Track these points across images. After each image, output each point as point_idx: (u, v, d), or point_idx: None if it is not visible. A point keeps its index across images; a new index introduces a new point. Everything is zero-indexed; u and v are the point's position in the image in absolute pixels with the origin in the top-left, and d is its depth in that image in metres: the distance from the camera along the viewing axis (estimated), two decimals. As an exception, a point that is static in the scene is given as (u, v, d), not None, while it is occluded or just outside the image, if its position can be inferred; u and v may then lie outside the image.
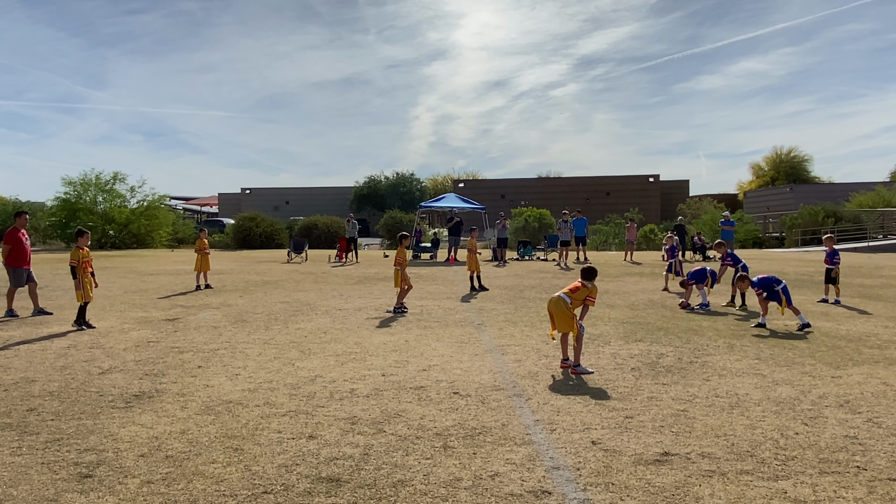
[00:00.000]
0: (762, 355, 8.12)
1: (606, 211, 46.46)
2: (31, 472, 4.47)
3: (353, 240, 25.63)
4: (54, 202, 36.70)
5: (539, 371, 7.32)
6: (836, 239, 35.56)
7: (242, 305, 12.57)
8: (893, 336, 9.30)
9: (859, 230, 37.08)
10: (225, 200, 69.65)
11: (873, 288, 15.29)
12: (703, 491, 4.18)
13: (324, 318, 11.04)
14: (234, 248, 36.33)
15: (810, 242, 36.76)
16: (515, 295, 13.85)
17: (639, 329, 9.95)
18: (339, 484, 4.28)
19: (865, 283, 16.52)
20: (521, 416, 5.70)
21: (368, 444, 5.00)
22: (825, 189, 55.76)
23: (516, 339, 9.22)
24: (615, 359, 7.93)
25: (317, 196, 66.10)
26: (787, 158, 68.91)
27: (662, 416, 5.70)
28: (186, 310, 12.03)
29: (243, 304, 12.68)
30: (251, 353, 8.33)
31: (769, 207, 53.12)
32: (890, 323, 10.36)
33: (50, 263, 22.23)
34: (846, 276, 18.14)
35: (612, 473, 4.46)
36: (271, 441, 5.09)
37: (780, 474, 4.45)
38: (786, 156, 69.17)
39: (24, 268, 11.38)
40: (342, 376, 7.11)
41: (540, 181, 66.71)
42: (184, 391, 6.52)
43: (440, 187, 70.03)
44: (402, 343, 8.88)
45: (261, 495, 4.12)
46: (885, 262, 22.89)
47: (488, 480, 4.34)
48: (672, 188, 62.46)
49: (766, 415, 5.75)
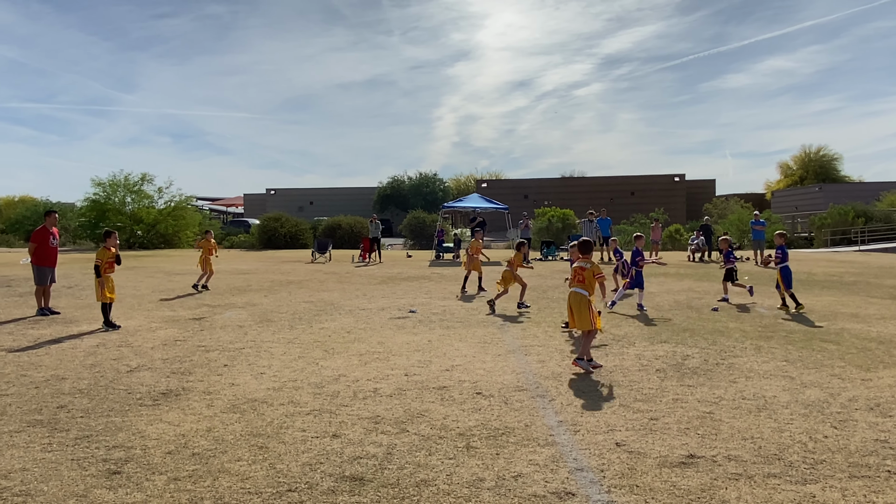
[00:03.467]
0: (790, 357, 7.99)
1: (631, 211, 46.06)
2: (60, 468, 4.55)
3: (377, 240, 25.73)
4: (84, 203, 37.32)
5: (563, 372, 7.28)
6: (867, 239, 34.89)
7: (267, 305, 12.68)
8: (927, 338, 9.09)
9: (890, 230, 36.32)
10: (250, 201, 70.31)
11: (906, 289, 14.96)
12: (729, 494, 4.12)
13: (347, 318, 11.10)
14: (259, 248, 36.67)
15: (840, 243, 36.11)
16: (539, 295, 13.79)
17: (664, 330, 9.85)
18: (363, 483, 4.30)
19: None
20: (545, 417, 5.68)
21: (391, 444, 5.02)
22: (855, 188, 54.68)
23: (539, 339, 9.19)
24: (640, 360, 7.86)
25: (340, 196, 66.44)
26: (815, 157, 67.68)
27: (688, 419, 5.64)
28: (212, 309, 12.17)
29: (268, 304, 12.80)
30: (276, 352, 8.40)
31: (797, 207, 52.27)
32: (923, 325, 10.13)
33: (80, 263, 22.63)
34: (877, 277, 17.77)
35: (636, 475, 4.43)
36: (295, 439, 5.13)
37: (808, 478, 4.37)
38: (814, 154, 67.94)
39: (49, 267, 11.58)
40: (365, 376, 7.14)
41: (563, 181, 66.34)
42: (210, 389, 6.60)
43: (463, 187, 69.97)
44: (424, 343, 8.90)
45: (285, 493, 4.15)
46: (918, 263, 22.40)
47: (511, 481, 4.33)
48: (698, 188, 61.70)
49: (795, 417, 5.66)
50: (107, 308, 10.20)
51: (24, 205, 49.44)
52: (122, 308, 12.21)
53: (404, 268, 21.78)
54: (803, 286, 15.58)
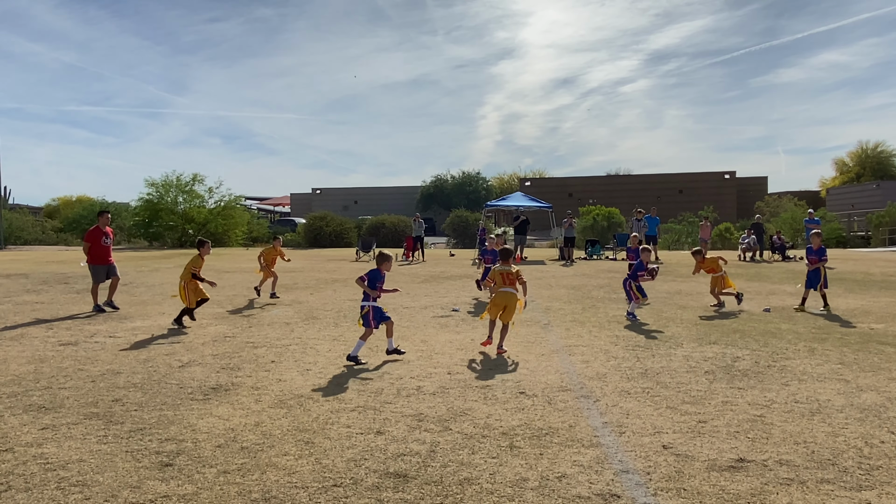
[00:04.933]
0: (846, 360, 7.72)
1: (679, 209, 45.19)
2: (115, 460, 4.71)
3: (420, 239, 25.85)
4: (138, 203, 38.55)
5: (608, 372, 7.20)
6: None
7: (313, 303, 12.87)
8: None
9: (954, 229, 34.74)
10: (296, 200, 71.42)
11: (971, 290, 14.30)
12: (780, 499, 4.01)
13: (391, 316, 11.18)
14: (305, 246, 37.24)
15: (900, 241, 34.71)
16: (583, 295, 13.65)
17: (713, 331, 9.64)
18: (406, 480, 4.33)
19: (962, 284, 15.47)
20: (589, 418, 5.62)
21: (435, 442, 5.04)
22: (915, 185, 52.48)
23: (584, 339, 9.10)
24: (688, 361, 7.71)
25: (384, 196, 66.93)
26: (873, 153, 65.19)
27: (738, 422, 5.51)
28: (260, 306, 12.41)
29: (314, 302, 12.99)
30: (321, 349, 8.52)
31: (854, 205, 50.41)
32: None
33: (134, 261, 23.35)
34: (940, 278, 17.03)
35: (683, 479, 4.34)
36: (340, 435, 5.19)
37: (863, 484, 4.22)
38: (872, 150, 65.44)
39: (102, 265, 11.99)
40: (409, 373, 7.18)
41: (609, 179, 65.47)
42: (258, 385, 6.73)
43: (506, 186, 69.69)
44: (467, 342, 8.90)
45: (330, 488, 4.21)
46: (985, 263, 21.38)
47: (555, 482, 4.30)
48: (749, 185, 60.12)
49: (850, 422, 5.47)
50: (189, 311, 10.46)
51: (81, 205, 51.32)
52: (174, 305, 12.56)
53: (447, 266, 21.82)
54: (860, 286, 15.05)
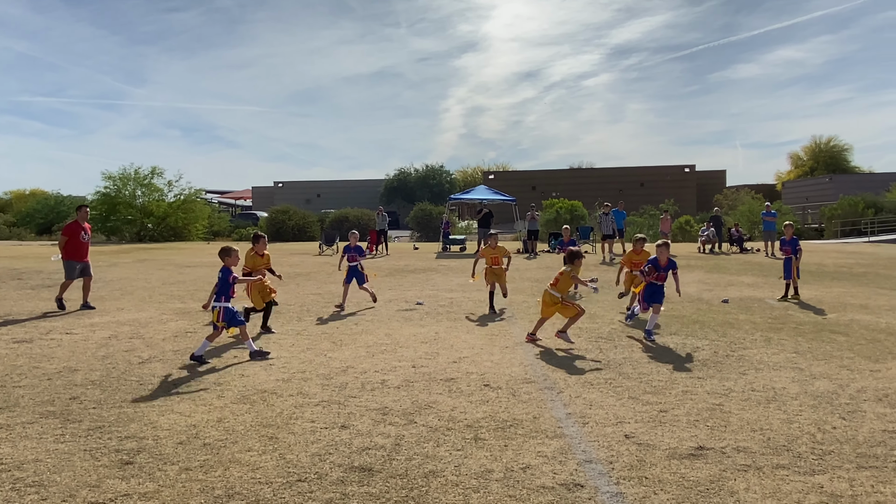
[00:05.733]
0: (800, 349, 7.96)
1: (641, 202, 45.89)
2: (73, 459, 4.61)
3: (384, 232, 25.78)
4: (95, 196, 37.57)
5: (571, 364, 7.29)
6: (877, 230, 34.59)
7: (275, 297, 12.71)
8: (938, 330, 9.04)
9: (902, 221, 36.03)
10: (258, 194, 70.53)
11: (917, 280, 14.85)
12: (738, 485, 4.13)
13: (355, 310, 11.14)
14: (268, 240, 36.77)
15: (850, 234, 35.86)
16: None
17: (673, 322, 9.83)
18: (371, 473, 4.33)
19: (908, 275, 16.06)
20: (553, 409, 5.69)
21: (400, 435, 5.05)
22: (865, 179, 54.28)
23: (547, 331, 9.19)
24: (648, 352, 7.86)
25: (348, 189, 66.52)
26: (826, 148, 67.21)
27: (697, 410, 5.64)
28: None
29: (277, 296, 12.82)
30: (284, 343, 8.45)
31: (808, 198, 51.90)
32: (934, 316, 10.07)
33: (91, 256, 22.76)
34: (886, 269, 17.66)
35: (645, 467, 4.44)
36: (305, 430, 5.16)
37: (816, 469, 4.37)
38: (825, 145, 67.47)
39: (77, 261, 11.62)
40: (373, 367, 7.17)
41: (572, 172, 66.13)
42: (220, 381, 6.65)
43: (470, 179, 69.93)
44: (432, 335, 8.92)
45: (295, 483, 4.19)
46: (930, 254, 22.22)
47: (520, 473, 4.35)
48: (708, 179, 61.38)
49: (804, 409, 5.65)
50: (266, 312, 9.40)
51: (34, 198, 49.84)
52: (133, 300, 12.30)
53: (411, 260, 21.81)
54: (813, 277, 15.50)
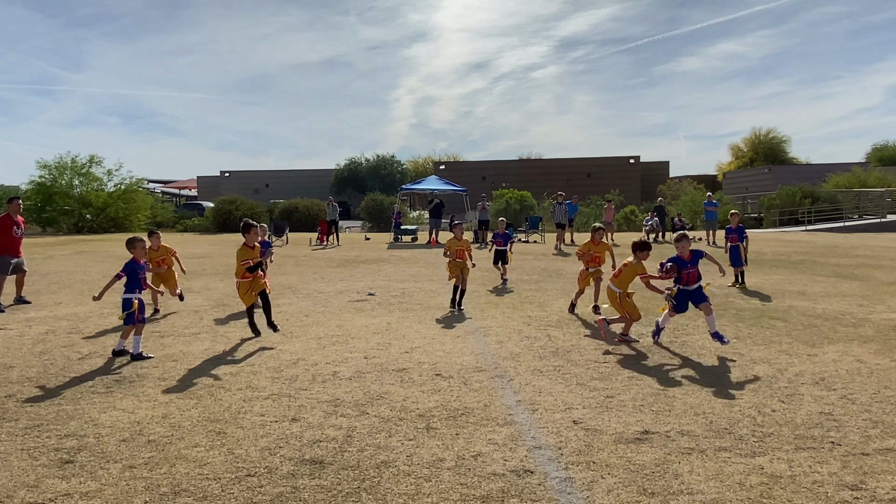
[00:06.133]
0: (740, 334, 8.23)
1: (587, 192, 46.59)
2: (10, 459, 4.43)
3: (334, 222, 25.53)
4: (29, 186, 35.99)
5: (521, 352, 7.37)
6: (813, 219, 36.02)
7: (223, 289, 12.49)
8: (867, 314, 9.47)
9: (835, 211, 37.59)
10: (204, 183, 68.85)
11: (848, 267, 15.54)
12: (682, 468, 4.25)
13: (305, 301, 11.01)
14: (214, 231, 35.97)
15: (787, 223, 37.22)
16: (497, 277, 13.87)
17: (619, 310, 10.02)
18: (323, 466, 4.30)
19: (841, 262, 16.78)
20: (504, 397, 5.75)
21: (351, 427, 5.02)
22: (802, 170, 56.37)
23: (498, 320, 9.27)
24: (596, 339, 8.00)
25: (297, 179, 65.56)
26: (765, 139, 69.52)
27: (643, 396, 5.77)
28: (166, 294, 11.92)
29: (224, 288, 12.60)
30: (233, 336, 8.29)
31: (748, 188, 53.63)
32: (864, 301, 10.55)
33: (26, 248, 21.83)
34: (822, 256, 18.41)
35: (593, 452, 4.52)
36: (254, 424, 5.08)
37: (757, 450, 4.53)
38: (764, 137, 69.77)
39: (10, 256, 11.08)
40: (324, 359, 7.11)
41: (521, 163, 66.65)
42: (165, 375, 6.48)
43: (421, 169, 69.73)
44: (383, 326, 8.89)
45: (244, 478, 4.12)
46: (860, 243, 23.25)
47: (471, 460, 4.38)
48: (652, 169, 62.71)
49: (744, 393, 5.85)
50: (265, 306, 8.28)
51: (-37, 188, 47.42)
52: (71, 294, 11.88)
53: (363, 250, 21.67)
54: (753, 265, 16.03)
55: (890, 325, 8.64)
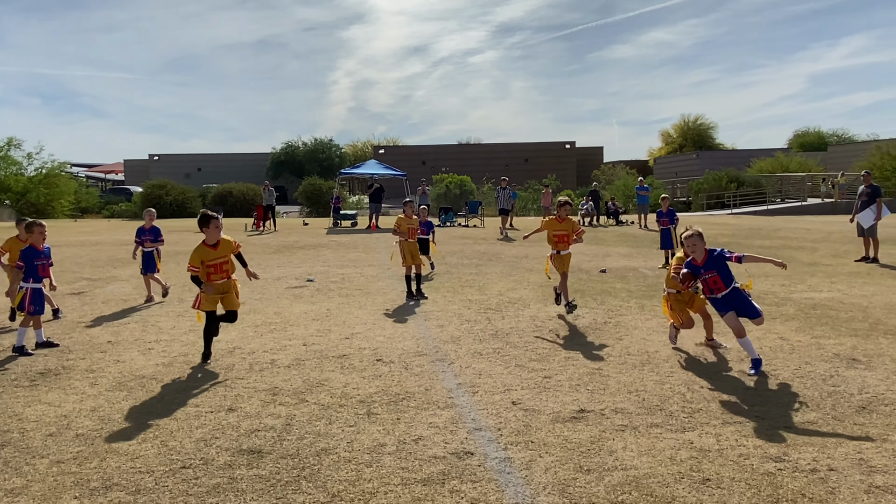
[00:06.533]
0: (671, 314, 8.51)
1: (525, 177, 47.12)
2: (-76, 459, 4.18)
3: (271, 207, 25.02)
4: (-61, 170, 33.95)
5: (461, 335, 7.42)
6: (738, 202, 37.46)
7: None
8: (789, 294, 9.95)
9: (759, 194, 39.24)
10: (131, 167, 66.37)
11: (771, 249, 16.26)
12: (616, 445, 4.38)
13: (241, 289, 10.75)
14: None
15: (714, 206, 38.63)
16: (437, 261, 13.91)
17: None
18: (261, 455, 4.23)
19: (765, 244, 17.55)
20: (444, 381, 5.78)
21: (290, 415, 4.96)
22: (729, 155, 58.57)
23: (439, 304, 9.30)
24: (534, 321, 8.14)
25: (231, 162, 63.91)
26: (693, 126, 71.85)
27: (579, 375, 5.91)
28: (93, 283, 11.46)
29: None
30: (164, 326, 8.04)
31: (677, 173, 55.32)
32: (786, 281, 11.07)
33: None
34: (747, 238, 19.21)
35: (531, 432, 4.61)
36: (188, 415, 4.96)
37: (686, 426, 4.71)
38: (693, 123, 72.10)
39: None
40: (262, 347, 6.98)
41: (460, 147, 66.88)
42: (93, 367, 6.24)
43: (360, 154, 69.14)
44: (323, 312, 8.79)
45: (179, 470, 4.02)
46: (783, 225, 24.36)
47: (412, 444, 4.40)
48: (587, 155, 63.93)
49: (675, 370, 6.06)
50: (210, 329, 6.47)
51: None
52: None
53: (301, 236, 21.33)
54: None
55: (810, 304, 9.10)
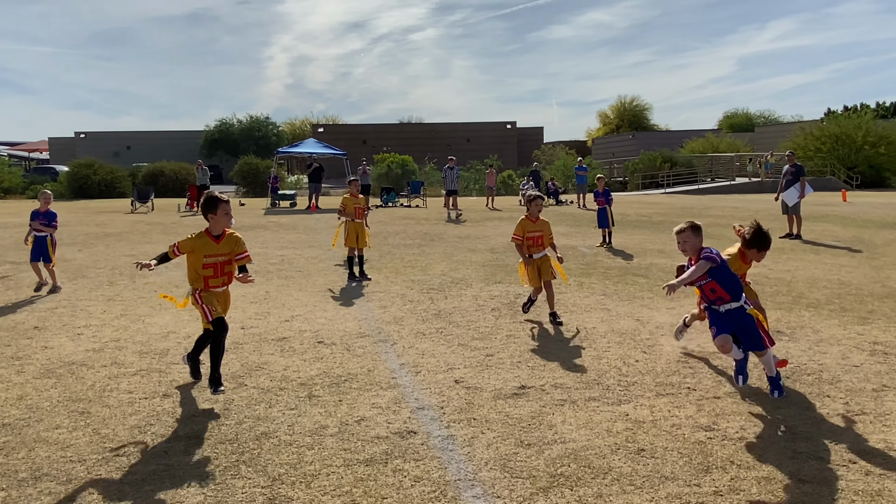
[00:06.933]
0: (607, 291, 8.73)
1: (467, 157, 47.21)
2: None
3: (205, 187, 24.33)
4: None
5: (404, 316, 7.42)
6: (672, 182, 38.56)
7: (82, 260, 11.61)
8: (718, 270, 10.33)
9: (692, 174, 40.47)
10: (57, 146, 63.36)
11: (703, 227, 16.81)
12: (556, 419, 4.48)
13: (175, 272, 10.46)
14: (70, 197, 33.26)
15: (649, 186, 39.66)
16: (379, 242, 13.83)
17: (498, 271, 10.32)
18: (198, 441, 4.15)
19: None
20: (387, 361, 5.78)
21: (228, 399, 4.87)
22: (663, 136, 60.09)
23: (381, 285, 9.26)
24: (476, 300, 8.20)
25: (162, 141, 61.78)
26: (630, 107, 73.42)
27: (520, 353, 6.01)
28: (17, 266, 10.92)
29: (83, 259, 11.72)
30: (94, 310, 7.75)
31: (614, 153, 56.52)
32: (716, 258, 11.48)
33: None
34: (679, 217, 19.81)
35: (473, 409, 4.67)
36: (122, 402, 4.81)
37: (622, 399, 4.86)
38: (629, 104, 73.67)
39: None
40: (197, 331, 6.78)
41: (401, 127, 66.40)
42: (19, 354, 5.97)
43: (298, 132, 67.75)
44: (262, 294, 8.64)
45: (112, 458, 3.90)
46: (713, 204, 25.21)
47: (354, 426, 4.39)
48: (528, 135, 64.51)
49: (611, 345, 6.23)
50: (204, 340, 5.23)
51: None
52: None
53: (237, 217, 20.78)
54: (619, 226, 16.98)
55: (737, 279, 9.48)
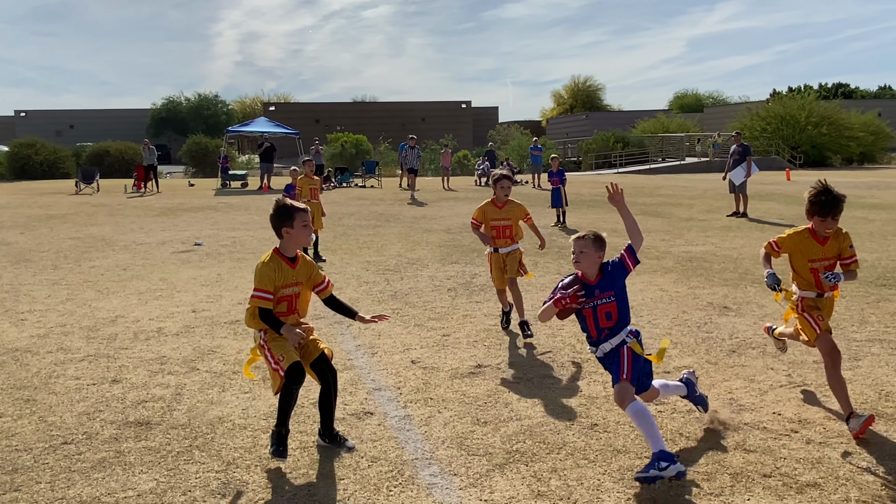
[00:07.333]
0: (562, 271, 8.84)
1: (422, 137, 46.78)
2: None
3: (152, 167, 23.62)
4: None
5: (360, 297, 7.38)
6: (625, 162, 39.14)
7: (24, 243, 11.19)
8: (669, 248, 10.56)
9: (643, 154, 41.14)
10: (-7, 124, 60.70)
11: (653, 206, 17.14)
12: (511, 397, 4.53)
13: (123, 254, 10.18)
14: (10, 178, 31.95)
15: (602, 166, 40.19)
16: (334, 223, 13.69)
17: (454, 251, 10.34)
18: (150, 427, 4.06)
19: (647, 201, 18.47)
20: (343, 343, 5.75)
21: (180, 384, 4.77)
22: (615, 116, 60.88)
23: (336, 266, 9.19)
24: (433, 281, 8.21)
25: (107, 119, 59.83)
26: (583, 87, 73.99)
27: (476, 332, 6.04)
28: None
29: (25, 242, 11.29)
30: (38, 295, 7.49)
31: (568, 133, 57.01)
32: (666, 236, 11.73)
33: None
34: (631, 196, 20.14)
35: (430, 389, 4.68)
36: (69, 389, 4.67)
37: (576, 375, 4.94)
38: (583, 85, 74.23)
39: None
40: (147, 315, 6.65)
41: (355, 106, 65.57)
42: (-45, 343, 5.73)
43: (249, 111, 66.30)
44: (213, 277, 8.47)
45: (60, 446, 3.79)
46: (664, 183, 25.70)
47: (310, 408, 4.35)
48: (483, 115, 64.45)
49: (565, 324, 6.29)
50: None
51: None
52: None
53: (186, 197, 20.34)
54: (573, 205, 17.18)
55: (687, 257, 9.70)
